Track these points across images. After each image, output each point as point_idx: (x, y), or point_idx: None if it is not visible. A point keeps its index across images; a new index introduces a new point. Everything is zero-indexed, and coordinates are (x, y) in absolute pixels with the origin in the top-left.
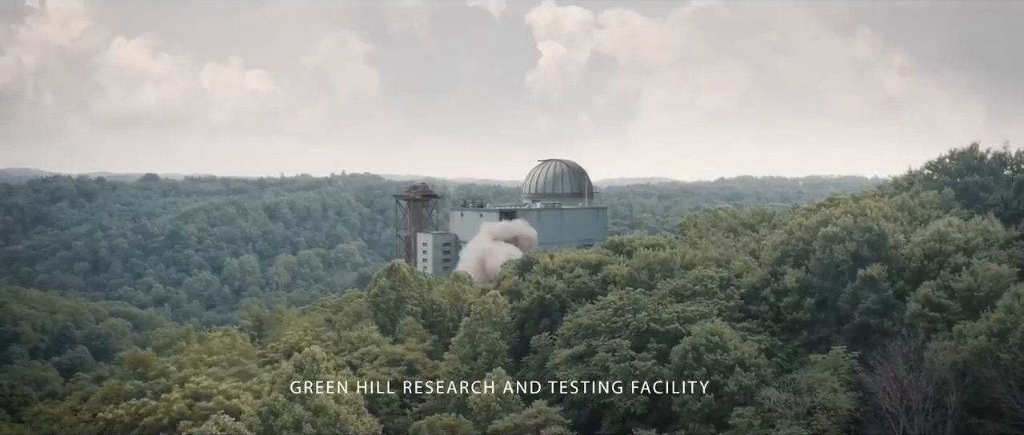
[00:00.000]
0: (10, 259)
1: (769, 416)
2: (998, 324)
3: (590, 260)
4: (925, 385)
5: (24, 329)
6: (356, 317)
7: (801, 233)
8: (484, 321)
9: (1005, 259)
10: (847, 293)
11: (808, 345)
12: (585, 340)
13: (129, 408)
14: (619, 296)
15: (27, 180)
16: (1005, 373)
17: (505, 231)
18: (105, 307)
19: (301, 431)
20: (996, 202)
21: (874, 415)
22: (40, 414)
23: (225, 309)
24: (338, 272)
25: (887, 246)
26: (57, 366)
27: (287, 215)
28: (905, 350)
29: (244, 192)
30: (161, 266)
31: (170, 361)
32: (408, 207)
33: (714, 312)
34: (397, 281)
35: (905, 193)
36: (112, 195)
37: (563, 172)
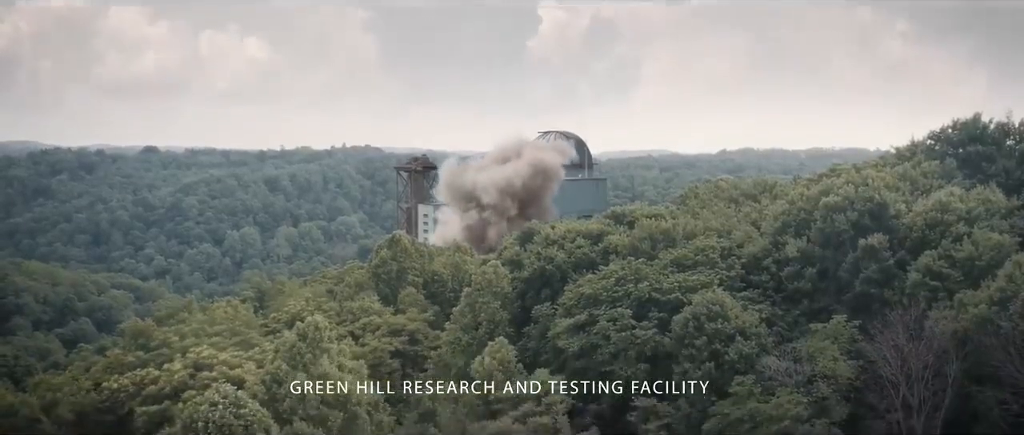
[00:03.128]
0: (12, 231)
1: (769, 384)
2: (999, 293)
3: (591, 230)
4: (925, 354)
5: (27, 301)
6: (357, 288)
7: (802, 203)
8: (485, 291)
9: (1006, 229)
10: (848, 263)
11: (809, 314)
12: (586, 309)
13: (133, 377)
14: (620, 266)
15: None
16: (1005, 341)
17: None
18: (107, 279)
19: (304, 399)
20: (998, 172)
21: (874, 383)
22: (43, 384)
23: (227, 281)
24: (339, 244)
25: (888, 216)
26: (60, 338)
27: (288, 187)
28: (906, 319)
29: (244, 164)
30: (162, 238)
31: (172, 332)
32: (409, 179)
33: (715, 282)
34: (398, 252)
35: (907, 163)
36: (112, 167)
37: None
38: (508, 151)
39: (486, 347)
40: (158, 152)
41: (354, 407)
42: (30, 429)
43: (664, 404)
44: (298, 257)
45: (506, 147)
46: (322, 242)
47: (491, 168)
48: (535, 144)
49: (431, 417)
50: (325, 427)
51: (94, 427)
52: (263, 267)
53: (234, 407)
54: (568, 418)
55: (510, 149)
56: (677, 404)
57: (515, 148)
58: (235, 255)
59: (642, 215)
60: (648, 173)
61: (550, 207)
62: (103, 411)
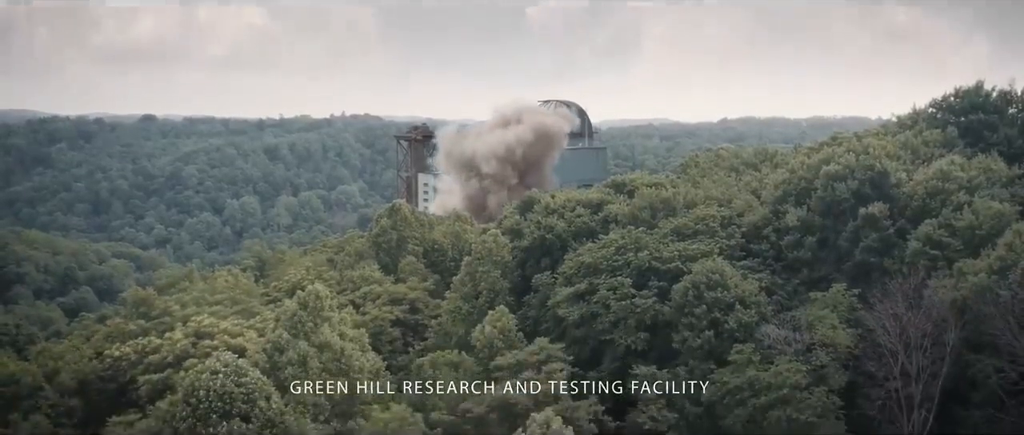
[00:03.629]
0: (11, 200)
1: (768, 353)
2: (998, 261)
3: (591, 199)
4: (924, 322)
5: (28, 270)
6: (358, 257)
7: (803, 172)
8: (485, 260)
9: (1007, 197)
10: (848, 232)
11: (808, 283)
12: (586, 278)
13: (134, 346)
14: (620, 235)
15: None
16: (1004, 310)
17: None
18: (107, 248)
19: (306, 367)
20: (1000, 141)
21: (873, 352)
22: (45, 352)
23: (227, 250)
24: (339, 213)
25: (889, 184)
26: (61, 307)
27: (287, 157)
28: (905, 288)
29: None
30: (162, 207)
31: (173, 300)
32: (409, 148)
33: (715, 250)
34: (398, 221)
35: (908, 132)
36: (111, 136)
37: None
38: (509, 117)
39: (486, 316)
40: (157, 121)
41: (355, 375)
42: (32, 397)
43: (663, 372)
44: (298, 226)
45: (506, 113)
46: (322, 211)
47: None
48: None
49: (432, 385)
50: (327, 395)
51: (96, 395)
52: (263, 236)
53: (235, 375)
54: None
55: (511, 115)
56: (676, 372)
57: (516, 114)
58: (235, 224)
59: (642, 184)
60: (649, 142)
61: (550, 176)
62: (105, 379)
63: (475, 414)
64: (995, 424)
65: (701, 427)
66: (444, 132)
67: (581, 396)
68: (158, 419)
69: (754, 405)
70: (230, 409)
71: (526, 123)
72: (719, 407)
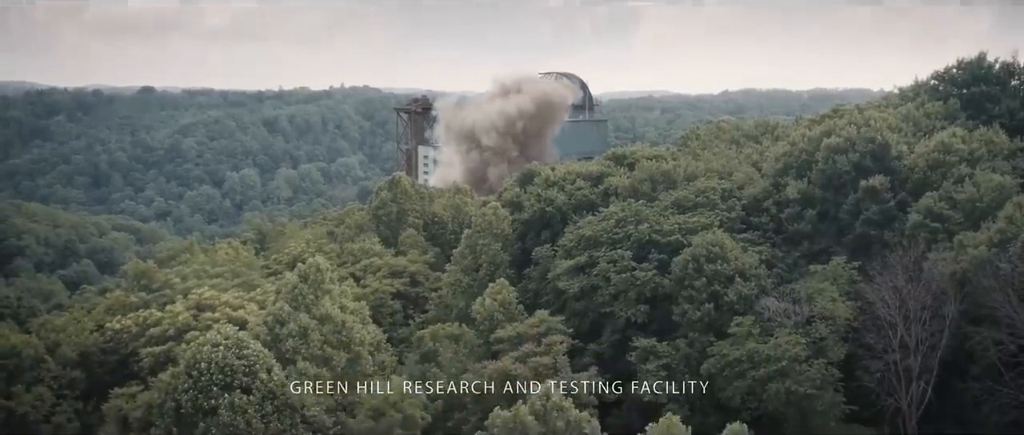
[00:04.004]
0: (11, 173)
1: (768, 325)
2: (999, 234)
3: (591, 172)
4: (924, 295)
5: (28, 243)
6: (358, 230)
7: (804, 144)
8: (485, 233)
9: (1008, 170)
10: (849, 204)
11: (809, 256)
12: (586, 251)
13: (135, 318)
14: (621, 207)
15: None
16: (1004, 282)
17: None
18: (107, 221)
19: (307, 339)
20: (1002, 113)
21: (872, 324)
22: (46, 324)
23: (227, 223)
24: (339, 186)
25: (890, 157)
26: (62, 279)
27: (286, 129)
28: (905, 260)
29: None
30: (161, 180)
31: (174, 273)
32: (409, 120)
33: (715, 223)
34: (398, 194)
35: (910, 104)
36: (109, 108)
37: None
38: (509, 87)
39: (487, 288)
40: (155, 93)
41: (356, 347)
42: (35, 369)
43: (663, 344)
44: (298, 199)
45: (507, 83)
46: (322, 184)
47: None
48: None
49: (433, 357)
50: (328, 367)
51: (98, 367)
52: (263, 209)
53: (237, 348)
54: (568, 358)
55: (511, 85)
56: (676, 344)
57: (516, 84)
58: (235, 197)
59: (643, 156)
60: (649, 114)
61: (551, 148)
62: (106, 352)
63: (475, 386)
64: (993, 396)
65: (700, 399)
66: (444, 104)
67: (581, 369)
68: (160, 391)
69: (753, 377)
70: (231, 381)
71: (527, 93)
72: (718, 379)
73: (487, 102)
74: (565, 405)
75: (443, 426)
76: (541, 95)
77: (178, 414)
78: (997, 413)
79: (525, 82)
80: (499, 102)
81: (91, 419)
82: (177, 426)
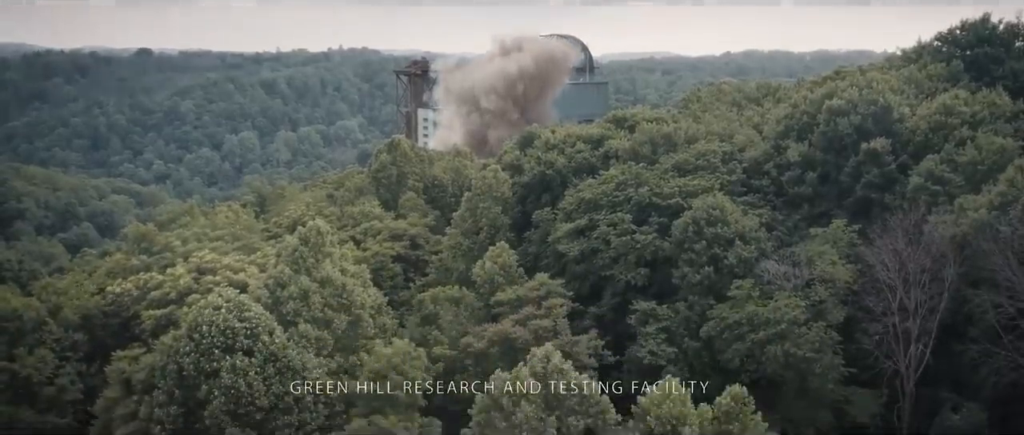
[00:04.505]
0: (9, 136)
1: (767, 288)
2: (999, 197)
3: (592, 135)
4: (923, 258)
5: (28, 205)
6: (358, 193)
7: (806, 106)
8: (485, 196)
9: (1011, 132)
10: (850, 167)
11: (809, 219)
12: (587, 214)
13: (136, 282)
14: (621, 170)
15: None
16: (1004, 246)
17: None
18: (107, 184)
19: (308, 301)
20: (1006, 74)
21: (872, 287)
22: (48, 287)
23: (227, 186)
24: (338, 149)
25: (892, 119)
26: (63, 242)
27: (285, 91)
28: (905, 223)
29: (240, 67)
30: (161, 143)
31: (174, 236)
32: (408, 82)
33: (716, 186)
34: (398, 157)
35: (913, 66)
36: (106, 70)
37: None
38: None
39: (487, 252)
40: (152, 55)
41: (357, 310)
42: (37, 331)
43: (663, 307)
44: (298, 162)
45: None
46: (321, 146)
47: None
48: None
49: (433, 320)
50: (329, 330)
51: (100, 330)
52: (263, 172)
53: (238, 311)
54: (568, 321)
55: (511, 44)
56: (676, 307)
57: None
58: (234, 160)
59: (643, 119)
60: (650, 76)
61: (551, 111)
62: (108, 314)
63: (476, 349)
64: (991, 358)
65: (700, 362)
66: (443, 65)
67: (581, 331)
68: (162, 354)
69: (752, 340)
70: (233, 344)
71: (528, 51)
72: (718, 342)
73: (487, 62)
74: (565, 368)
75: (444, 388)
76: (542, 52)
77: (180, 376)
78: (995, 375)
79: (526, 41)
80: (499, 61)
81: (94, 381)
82: (179, 388)
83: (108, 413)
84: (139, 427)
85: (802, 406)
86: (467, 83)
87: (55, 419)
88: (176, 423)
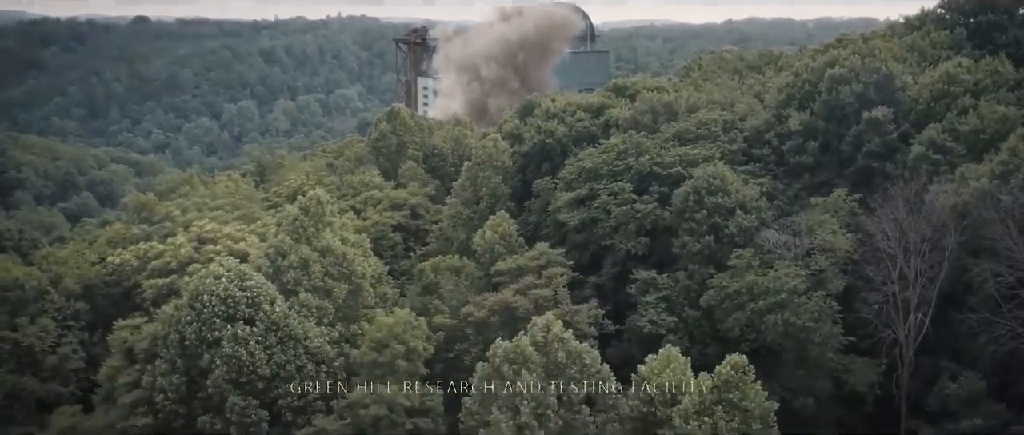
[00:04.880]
0: (7, 105)
1: (768, 257)
2: (1000, 166)
3: (592, 104)
4: (924, 227)
5: (27, 175)
6: (357, 162)
7: (807, 75)
8: (485, 165)
9: (1013, 101)
10: (851, 136)
11: (810, 188)
12: (587, 184)
13: (137, 251)
14: (621, 139)
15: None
16: (1004, 215)
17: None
18: (106, 153)
19: (308, 271)
20: (1009, 42)
21: (872, 256)
22: (49, 257)
23: (226, 155)
24: (338, 118)
25: (894, 88)
26: (63, 212)
27: (284, 59)
28: (906, 193)
29: (239, 36)
30: (159, 112)
31: (174, 206)
32: (408, 51)
33: (717, 155)
34: (398, 126)
35: (916, 33)
36: (104, 38)
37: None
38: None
39: (487, 221)
40: (150, 23)
41: (358, 280)
42: (39, 301)
43: (663, 277)
44: (297, 131)
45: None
46: (321, 115)
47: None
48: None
49: (434, 290)
50: (330, 299)
51: (101, 299)
52: (262, 141)
53: (239, 280)
54: (568, 290)
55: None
56: (676, 277)
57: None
58: (234, 129)
59: (644, 88)
60: (651, 44)
61: (552, 79)
62: (109, 284)
63: (477, 318)
64: (990, 327)
65: (700, 331)
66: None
67: (581, 301)
68: (164, 323)
69: (752, 309)
70: (234, 313)
71: (528, 16)
72: (718, 311)
73: (487, 29)
74: (565, 337)
75: (445, 357)
76: (543, 18)
77: (182, 345)
78: (994, 344)
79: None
80: (499, 27)
81: (96, 350)
82: (181, 357)
83: (111, 382)
84: (142, 396)
85: (801, 375)
86: (467, 51)
87: (58, 388)
88: (178, 392)
